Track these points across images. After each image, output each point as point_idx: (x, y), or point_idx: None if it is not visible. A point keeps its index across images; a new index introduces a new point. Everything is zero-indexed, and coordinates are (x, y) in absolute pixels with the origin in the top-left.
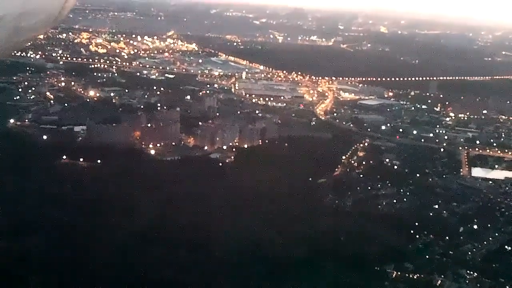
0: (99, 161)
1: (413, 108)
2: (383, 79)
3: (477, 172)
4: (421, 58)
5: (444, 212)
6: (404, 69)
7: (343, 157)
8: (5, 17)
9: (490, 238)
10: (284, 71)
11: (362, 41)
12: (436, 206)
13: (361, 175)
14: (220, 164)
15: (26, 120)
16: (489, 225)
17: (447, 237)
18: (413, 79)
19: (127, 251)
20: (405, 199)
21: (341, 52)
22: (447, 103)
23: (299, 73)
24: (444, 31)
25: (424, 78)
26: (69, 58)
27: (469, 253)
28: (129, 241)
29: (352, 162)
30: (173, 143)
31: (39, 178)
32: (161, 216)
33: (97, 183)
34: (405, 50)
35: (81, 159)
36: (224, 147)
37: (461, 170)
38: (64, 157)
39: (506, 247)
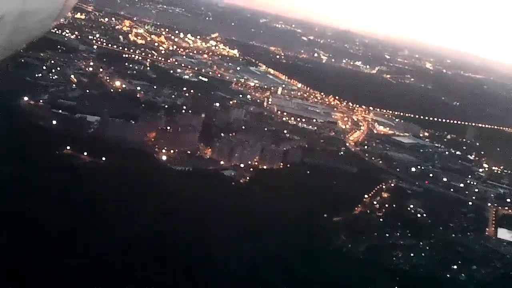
0: (103, 158)
1: (447, 152)
2: (421, 117)
3: (503, 234)
4: (462, 101)
5: (463, 274)
6: (443, 110)
7: (366, 196)
8: (5, 17)
9: None
10: (322, 93)
11: (406, 74)
12: (455, 267)
13: (381, 219)
14: (233, 183)
15: (41, 101)
16: None
17: None
18: (451, 121)
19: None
20: (423, 254)
21: (383, 82)
22: (482, 152)
23: (337, 97)
24: (487, 76)
25: (462, 123)
26: (104, 44)
27: None
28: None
29: (374, 203)
30: (188, 152)
31: (30, 167)
32: (139, 233)
33: (90, 183)
34: (447, 90)
35: (85, 153)
36: (242, 165)
37: (487, 229)
38: (68, 147)
39: None
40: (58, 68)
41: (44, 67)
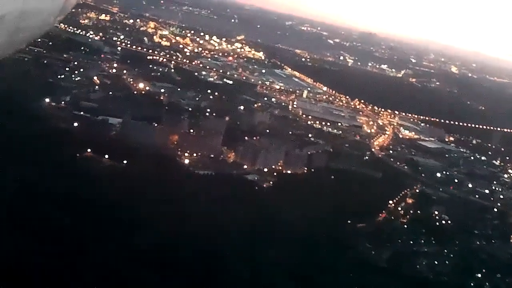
0: (125, 161)
1: (472, 158)
2: (446, 121)
3: None
4: (487, 105)
5: (487, 284)
6: (469, 114)
7: (390, 202)
8: (5, 17)
9: None
10: (347, 96)
11: (432, 78)
12: (479, 275)
13: (405, 226)
14: (256, 188)
15: (63, 102)
16: None
17: None
18: (476, 126)
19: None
20: (447, 262)
21: (408, 86)
22: (507, 158)
23: (362, 101)
24: None
25: (488, 127)
26: (129, 45)
27: None
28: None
29: (399, 209)
30: (211, 156)
31: (50, 170)
32: (146, 237)
33: (108, 186)
34: (472, 94)
35: (106, 156)
36: (265, 169)
37: None
38: (89, 150)
39: None
40: (81, 70)
41: (67, 69)
